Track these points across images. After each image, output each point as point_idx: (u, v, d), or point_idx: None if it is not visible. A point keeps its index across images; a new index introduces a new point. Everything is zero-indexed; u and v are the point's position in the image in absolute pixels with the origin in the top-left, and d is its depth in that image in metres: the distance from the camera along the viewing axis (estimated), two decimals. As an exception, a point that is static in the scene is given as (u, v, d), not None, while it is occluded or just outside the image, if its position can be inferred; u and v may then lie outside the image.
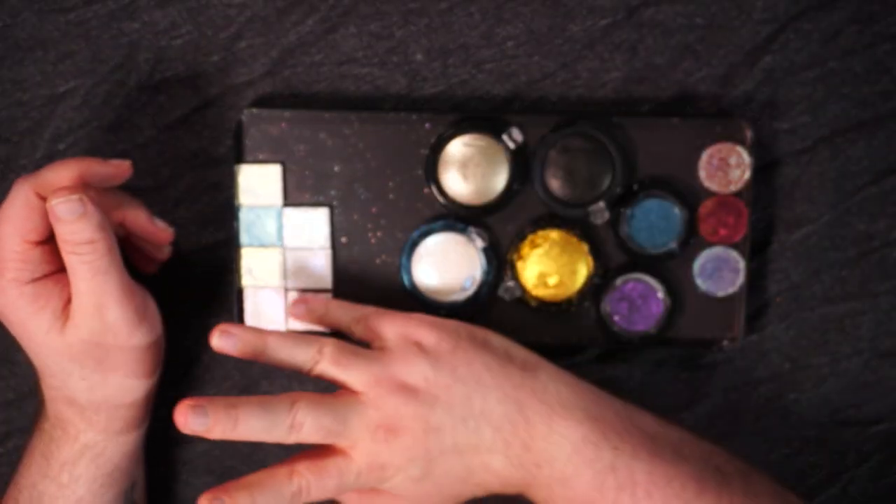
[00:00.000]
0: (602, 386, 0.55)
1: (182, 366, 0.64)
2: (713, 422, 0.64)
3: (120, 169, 0.56)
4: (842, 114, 0.62)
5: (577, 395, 0.54)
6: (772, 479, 0.54)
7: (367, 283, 0.62)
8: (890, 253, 0.63)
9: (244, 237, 0.61)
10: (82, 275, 0.53)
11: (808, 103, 0.62)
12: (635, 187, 0.60)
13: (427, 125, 0.60)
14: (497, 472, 0.54)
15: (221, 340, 0.54)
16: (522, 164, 0.60)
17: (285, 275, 0.62)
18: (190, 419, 0.51)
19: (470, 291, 0.60)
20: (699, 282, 0.61)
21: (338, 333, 0.59)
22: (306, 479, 0.52)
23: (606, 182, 0.60)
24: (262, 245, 0.61)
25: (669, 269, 0.61)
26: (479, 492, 0.55)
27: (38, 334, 0.55)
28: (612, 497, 0.52)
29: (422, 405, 0.53)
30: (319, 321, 0.60)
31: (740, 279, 0.60)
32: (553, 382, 0.54)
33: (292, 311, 0.61)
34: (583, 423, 0.53)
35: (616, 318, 0.60)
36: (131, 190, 0.62)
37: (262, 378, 0.64)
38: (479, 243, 0.60)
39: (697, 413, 0.63)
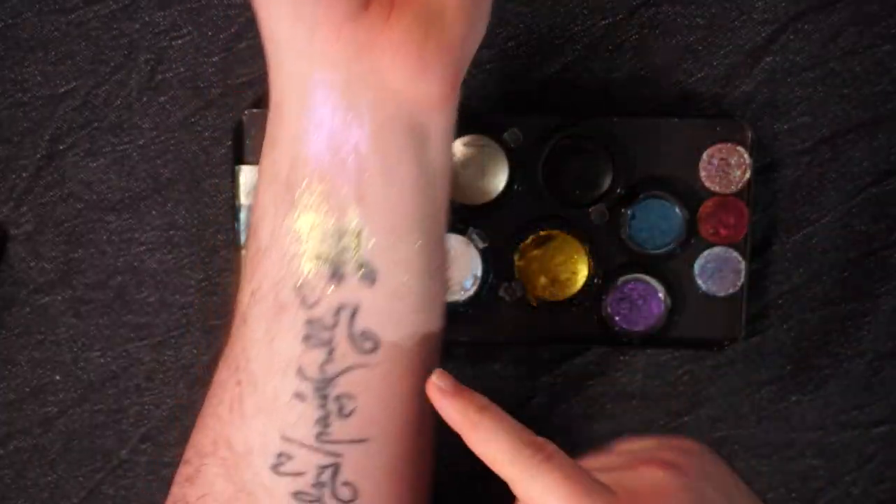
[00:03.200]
0: (602, 386, 0.55)
1: (182, 368, 0.64)
2: (714, 424, 0.63)
3: None
4: (842, 115, 0.62)
5: None
6: None
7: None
8: (891, 254, 0.62)
9: (245, 238, 0.61)
10: None
11: (808, 104, 0.62)
12: (636, 187, 0.60)
13: (427, 125, 0.60)
14: None
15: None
16: (522, 164, 0.60)
17: (285, 275, 0.61)
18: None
19: (470, 291, 0.60)
20: (700, 282, 0.60)
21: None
22: None
23: (606, 182, 0.60)
24: (263, 246, 0.61)
25: (670, 269, 0.61)
26: None
27: None
28: None
29: None
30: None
31: (741, 280, 0.60)
32: None
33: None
34: None
35: (616, 318, 0.60)
36: (131, 192, 0.62)
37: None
38: (479, 243, 0.60)
39: (698, 415, 0.63)
